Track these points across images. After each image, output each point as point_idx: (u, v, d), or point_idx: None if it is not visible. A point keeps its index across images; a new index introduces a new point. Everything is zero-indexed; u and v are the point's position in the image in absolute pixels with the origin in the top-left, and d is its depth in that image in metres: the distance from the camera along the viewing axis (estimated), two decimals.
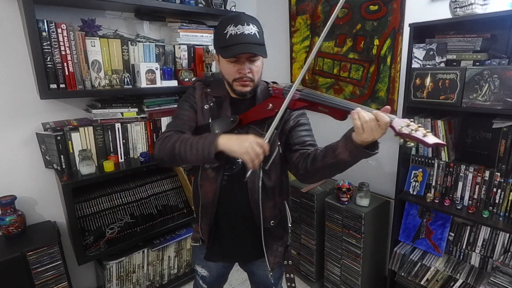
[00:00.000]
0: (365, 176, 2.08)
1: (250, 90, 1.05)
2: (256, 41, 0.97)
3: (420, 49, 1.49)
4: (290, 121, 1.08)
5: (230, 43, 0.96)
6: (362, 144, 0.85)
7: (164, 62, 1.97)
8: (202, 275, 1.30)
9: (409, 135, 0.76)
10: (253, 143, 0.88)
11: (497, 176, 1.39)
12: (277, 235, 1.16)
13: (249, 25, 0.96)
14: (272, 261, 1.15)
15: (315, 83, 2.28)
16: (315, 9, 2.17)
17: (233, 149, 0.90)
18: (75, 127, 1.66)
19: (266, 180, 1.06)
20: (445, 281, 1.53)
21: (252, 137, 0.90)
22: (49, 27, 1.46)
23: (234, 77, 1.02)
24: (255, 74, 1.03)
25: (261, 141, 0.90)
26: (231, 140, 0.92)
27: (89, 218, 1.79)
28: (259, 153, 0.88)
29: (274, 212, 1.12)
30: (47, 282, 1.54)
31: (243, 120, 1.03)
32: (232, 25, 0.96)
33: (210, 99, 1.09)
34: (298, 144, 1.06)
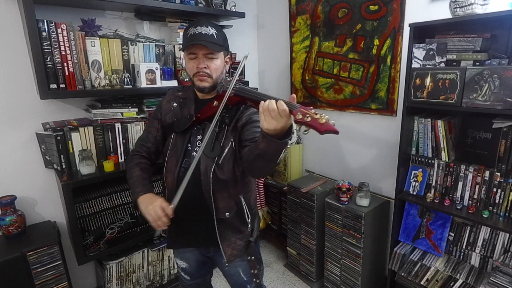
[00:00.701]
0: (365, 176, 2.08)
1: (208, 86, 1.14)
2: (211, 40, 1.08)
3: (420, 49, 1.49)
4: (243, 118, 1.14)
5: (188, 41, 1.09)
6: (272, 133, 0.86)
7: (164, 62, 1.97)
8: (182, 267, 1.38)
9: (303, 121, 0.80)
10: (157, 207, 1.03)
11: (497, 176, 1.39)
12: (234, 227, 1.20)
13: (208, 27, 1.09)
14: (229, 252, 1.19)
15: (315, 83, 2.28)
16: (315, 9, 2.17)
17: (141, 209, 1.09)
18: (75, 127, 1.66)
19: (219, 173, 1.12)
20: (445, 281, 1.54)
21: (159, 202, 1.05)
22: (49, 27, 1.46)
23: (193, 72, 1.13)
24: (212, 71, 1.12)
25: (166, 206, 1.04)
26: (143, 201, 1.10)
27: (89, 218, 1.79)
28: (161, 216, 1.02)
29: (229, 204, 1.17)
30: (47, 282, 1.54)
31: (199, 117, 1.13)
32: (192, 26, 1.09)
33: (177, 100, 1.23)
34: (248, 140, 1.10)
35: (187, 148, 1.16)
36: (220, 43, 1.12)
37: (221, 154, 1.11)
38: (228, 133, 1.12)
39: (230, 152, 1.13)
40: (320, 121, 0.78)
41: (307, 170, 2.50)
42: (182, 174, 1.14)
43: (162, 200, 1.06)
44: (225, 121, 1.12)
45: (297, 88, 2.42)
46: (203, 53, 1.10)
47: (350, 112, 2.11)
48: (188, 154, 1.16)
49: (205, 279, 1.47)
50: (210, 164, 1.11)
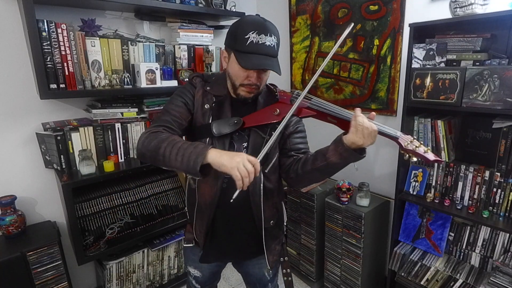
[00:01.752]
0: (365, 176, 2.08)
1: (253, 96, 1.04)
2: (273, 54, 0.97)
3: (420, 49, 1.49)
4: (290, 127, 1.09)
5: (249, 50, 0.94)
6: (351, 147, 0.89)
7: (164, 62, 1.97)
8: (195, 276, 1.30)
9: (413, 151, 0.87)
10: (245, 159, 0.84)
11: (497, 176, 1.39)
12: (275, 234, 1.18)
13: (272, 36, 0.95)
14: (271, 259, 1.17)
15: (315, 83, 2.28)
16: (315, 9, 2.17)
17: (223, 163, 0.85)
18: (75, 127, 1.66)
19: (267, 183, 1.06)
20: (445, 281, 1.53)
21: (244, 154, 0.86)
22: (49, 27, 1.46)
23: (241, 82, 1.00)
24: (262, 83, 1.03)
25: (254, 159, 0.85)
26: (222, 153, 0.87)
27: (89, 218, 1.79)
28: (250, 171, 0.83)
29: (272, 212, 1.13)
30: (47, 282, 1.54)
31: (246, 123, 1.01)
32: (255, 32, 0.93)
33: (211, 98, 1.05)
34: (294, 151, 1.08)
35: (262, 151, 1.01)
36: (277, 53, 1.00)
37: (268, 163, 1.05)
38: (276, 142, 1.05)
39: (277, 161, 1.08)
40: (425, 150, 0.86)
41: None
42: (226, 185, 1.03)
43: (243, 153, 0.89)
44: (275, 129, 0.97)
45: (297, 88, 2.42)
46: None
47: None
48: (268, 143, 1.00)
49: (213, 285, 1.44)
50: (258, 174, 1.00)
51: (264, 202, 1.07)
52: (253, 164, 0.84)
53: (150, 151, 0.94)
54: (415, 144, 0.87)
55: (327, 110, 0.96)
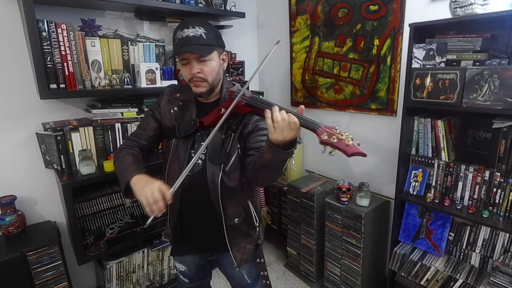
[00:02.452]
0: (365, 176, 2.08)
1: (205, 90, 1.08)
2: (200, 42, 1.01)
3: (420, 49, 1.49)
4: (249, 125, 1.09)
5: (177, 46, 1.03)
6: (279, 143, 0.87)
7: (164, 62, 1.97)
8: (181, 270, 1.35)
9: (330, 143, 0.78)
10: (155, 189, 0.90)
11: (497, 176, 1.39)
12: (243, 232, 1.19)
13: (194, 28, 1.01)
14: (239, 257, 1.18)
15: (315, 83, 2.28)
16: (315, 9, 2.17)
17: (135, 189, 0.97)
18: (75, 127, 1.66)
19: (226, 180, 1.09)
20: (445, 281, 1.54)
21: (157, 184, 0.92)
22: (49, 27, 1.46)
23: (188, 78, 1.08)
24: (207, 74, 1.05)
25: (165, 188, 0.91)
26: (139, 181, 0.98)
27: (89, 218, 1.79)
28: (158, 199, 0.89)
29: (237, 211, 1.15)
30: (47, 282, 1.54)
31: (203, 123, 1.08)
32: (179, 30, 1.02)
33: (177, 103, 1.16)
34: (254, 149, 1.08)
35: (190, 154, 1.10)
36: (211, 42, 1.04)
37: (228, 162, 1.08)
38: (235, 141, 1.08)
39: (237, 159, 1.09)
40: (347, 143, 0.76)
41: (307, 170, 2.50)
42: (187, 181, 1.10)
43: (161, 182, 0.95)
44: (231, 128, 1.07)
45: (297, 88, 2.42)
46: (194, 57, 1.03)
47: (350, 112, 2.11)
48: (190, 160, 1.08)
49: (203, 282, 1.46)
50: (217, 171, 1.08)
51: (225, 200, 1.10)
52: (163, 193, 0.91)
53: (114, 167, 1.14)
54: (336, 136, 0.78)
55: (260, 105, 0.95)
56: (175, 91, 1.20)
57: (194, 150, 1.11)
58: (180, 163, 1.10)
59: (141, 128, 1.20)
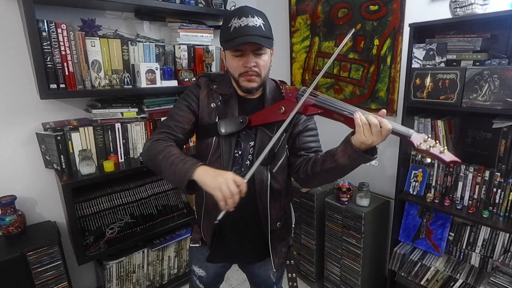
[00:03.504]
0: (365, 176, 2.08)
1: (256, 86, 1.00)
2: (260, 34, 0.93)
3: (420, 49, 1.49)
4: (299, 125, 1.06)
5: (233, 36, 0.93)
6: (361, 148, 0.84)
7: (164, 62, 1.97)
8: (200, 276, 1.28)
9: (427, 151, 0.78)
10: (229, 180, 0.81)
11: (497, 176, 1.39)
12: (281, 237, 1.15)
13: (254, 17, 0.93)
14: (277, 262, 1.15)
15: None
16: (315, 9, 2.17)
17: (206, 182, 0.85)
18: (75, 127, 1.66)
19: (274, 183, 1.04)
20: (445, 281, 1.53)
21: (230, 174, 0.84)
22: (49, 27, 1.46)
23: (239, 71, 0.98)
24: (261, 68, 0.99)
25: (240, 179, 0.83)
26: (207, 172, 0.87)
27: (89, 218, 1.79)
28: (235, 192, 0.80)
29: (280, 214, 1.11)
30: (47, 282, 1.54)
31: (252, 121, 1.00)
32: (236, 17, 0.93)
33: (217, 96, 1.05)
34: (304, 150, 1.05)
35: (234, 154, 1.02)
36: (269, 35, 0.97)
37: (275, 163, 1.03)
38: (284, 141, 1.03)
39: (285, 161, 1.05)
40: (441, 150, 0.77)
41: None
42: None
43: (232, 172, 0.85)
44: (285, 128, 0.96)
45: (297, 88, 2.42)
46: (252, 49, 0.95)
47: None
48: (236, 161, 1.03)
49: (216, 286, 1.42)
50: (265, 173, 1.02)
51: (271, 203, 1.05)
52: (238, 184, 0.82)
53: (150, 160, 0.98)
54: (429, 144, 0.78)
55: (333, 107, 0.92)
56: (210, 82, 1.08)
57: (239, 150, 1.03)
58: (222, 163, 1.01)
59: (176, 120, 1.05)
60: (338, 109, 0.91)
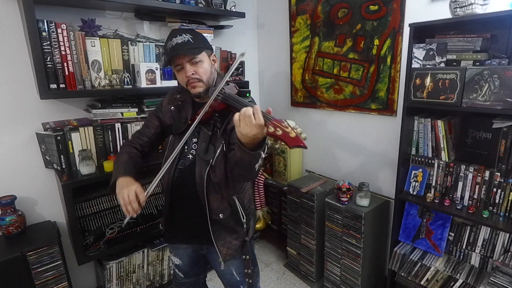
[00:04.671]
0: (365, 176, 2.08)
1: (202, 90, 1.15)
2: (189, 46, 1.10)
3: (420, 49, 1.49)
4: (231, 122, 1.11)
5: (169, 55, 1.12)
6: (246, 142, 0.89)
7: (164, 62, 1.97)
8: (176, 264, 1.41)
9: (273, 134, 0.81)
10: (131, 191, 1.02)
11: (497, 176, 1.39)
12: (228, 228, 1.22)
13: (181, 35, 1.11)
14: (224, 252, 1.22)
15: (315, 83, 2.28)
16: (315, 9, 2.17)
17: (117, 190, 1.08)
18: (75, 127, 1.66)
19: (212, 175, 1.14)
20: (445, 281, 1.54)
21: (134, 187, 1.04)
22: (49, 27, 1.46)
23: (184, 82, 1.15)
24: (201, 74, 1.13)
25: (140, 192, 1.03)
26: (120, 184, 1.09)
27: (89, 218, 1.79)
28: (132, 201, 1.00)
29: (221, 206, 1.19)
30: (47, 282, 1.54)
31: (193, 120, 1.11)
32: (169, 40, 1.13)
33: (176, 103, 1.26)
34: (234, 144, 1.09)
35: (183, 149, 1.19)
36: (198, 45, 1.13)
37: (213, 156, 1.14)
38: (219, 136, 1.14)
39: (222, 154, 1.14)
40: (291, 135, 0.80)
41: (307, 170, 2.50)
42: (177, 175, 1.19)
43: (138, 185, 1.07)
44: (216, 125, 1.14)
45: (297, 88, 2.42)
46: (186, 61, 1.12)
47: (350, 112, 2.11)
48: (184, 155, 1.19)
49: (198, 279, 1.50)
50: (205, 166, 1.14)
51: (210, 194, 1.16)
52: (137, 195, 1.02)
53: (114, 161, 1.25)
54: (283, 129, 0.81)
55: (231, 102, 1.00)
56: (176, 93, 1.29)
57: (186, 146, 1.19)
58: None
59: (145, 126, 1.32)
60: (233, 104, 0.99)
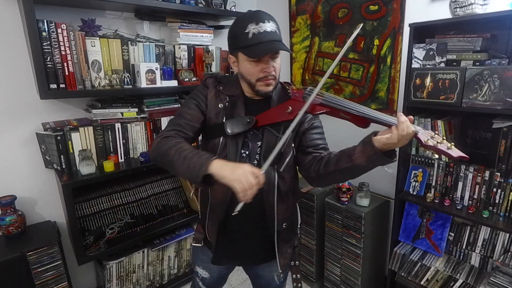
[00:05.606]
0: (365, 176, 2.06)
1: (272, 89, 1.02)
2: (278, 38, 0.95)
3: (420, 49, 1.49)
4: (305, 123, 1.07)
5: (254, 42, 0.92)
6: (383, 150, 0.84)
7: (164, 62, 1.97)
8: (203, 277, 1.27)
9: (434, 148, 0.79)
10: (248, 172, 0.82)
11: (497, 176, 1.39)
12: (287, 237, 1.15)
13: (270, 22, 0.94)
14: (283, 262, 1.14)
15: (315, 83, 2.28)
16: (315, 9, 2.17)
17: (224, 175, 0.84)
18: (75, 127, 1.66)
19: (281, 183, 1.04)
20: (445, 281, 1.53)
21: (247, 166, 0.84)
22: (49, 27, 1.46)
23: (257, 76, 0.98)
24: (277, 72, 1.01)
25: (257, 171, 0.83)
26: (224, 165, 0.86)
27: (89, 218, 1.79)
28: (253, 184, 0.81)
29: (286, 214, 1.10)
30: (47, 282, 1.54)
31: (259, 122, 1.01)
32: (253, 23, 0.92)
33: (224, 97, 1.05)
34: (311, 147, 1.05)
35: (241, 154, 1.02)
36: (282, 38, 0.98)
37: (282, 162, 1.03)
38: (290, 140, 1.03)
39: (292, 160, 1.05)
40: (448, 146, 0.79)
41: None
42: None
43: (249, 164, 0.85)
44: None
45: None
46: (270, 55, 0.95)
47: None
48: (243, 161, 1.02)
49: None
50: (272, 173, 1.02)
51: (278, 204, 1.05)
52: (256, 175, 0.82)
53: (160, 156, 0.96)
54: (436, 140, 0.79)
55: (341, 106, 0.93)
56: (217, 83, 1.09)
57: (246, 150, 1.03)
58: None
59: (186, 118, 1.04)
60: (344, 108, 0.92)
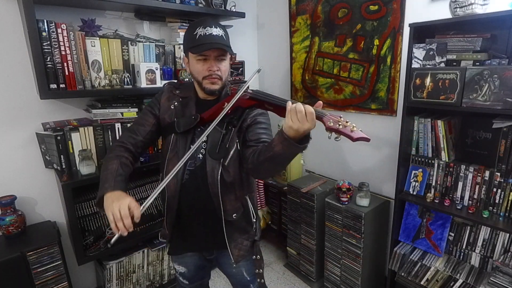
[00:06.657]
0: (365, 176, 2.08)
1: (218, 88, 1.11)
2: (223, 42, 1.06)
3: (420, 49, 1.49)
4: (248, 119, 1.13)
5: (199, 42, 1.04)
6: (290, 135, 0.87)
7: (164, 62, 1.97)
8: (181, 272, 1.35)
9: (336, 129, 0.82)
10: (124, 205, 0.90)
11: (497, 176, 1.39)
12: (241, 228, 1.20)
13: (216, 28, 1.06)
14: (236, 253, 1.19)
15: (315, 83, 2.28)
16: (315, 9, 2.17)
17: (105, 205, 0.94)
18: (75, 127, 1.66)
19: (225, 175, 1.11)
20: (445, 281, 1.54)
21: (128, 200, 0.92)
22: (49, 27, 1.46)
23: (203, 75, 1.09)
24: (223, 72, 1.10)
25: (135, 206, 0.91)
26: (109, 197, 0.95)
27: (89, 218, 1.79)
28: (124, 217, 0.88)
29: (235, 206, 1.16)
30: (47, 282, 1.54)
31: (204, 119, 1.11)
32: (201, 27, 1.05)
33: (177, 99, 1.18)
34: (253, 141, 1.10)
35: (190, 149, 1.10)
36: (229, 44, 1.10)
37: (226, 156, 1.10)
38: (234, 135, 1.11)
39: (236, 153, 1.11)
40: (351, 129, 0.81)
41: (307, 170, 2.50)
42: (188, 177, 1.13)
43: (132, 199, 0.94)
44: (232, 123, 1.10)
45: (297, 88, 2.42)
46: (216, 55, 1.07)
47: (350, 112, 2.11)
48: (192, 156, 1.12)
49: (203, 282, 1.46)
50: (217, 166, 1.10)
51: (224, 195, 1.12)
52: (131, 209, 0.90)
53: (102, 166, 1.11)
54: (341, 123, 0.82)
55: (263, 98, 1.00)
56: (174, 88, 1.22)
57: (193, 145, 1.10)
58: (179, 158, 1.09)
59: (139, 123, 1.19)
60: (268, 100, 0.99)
